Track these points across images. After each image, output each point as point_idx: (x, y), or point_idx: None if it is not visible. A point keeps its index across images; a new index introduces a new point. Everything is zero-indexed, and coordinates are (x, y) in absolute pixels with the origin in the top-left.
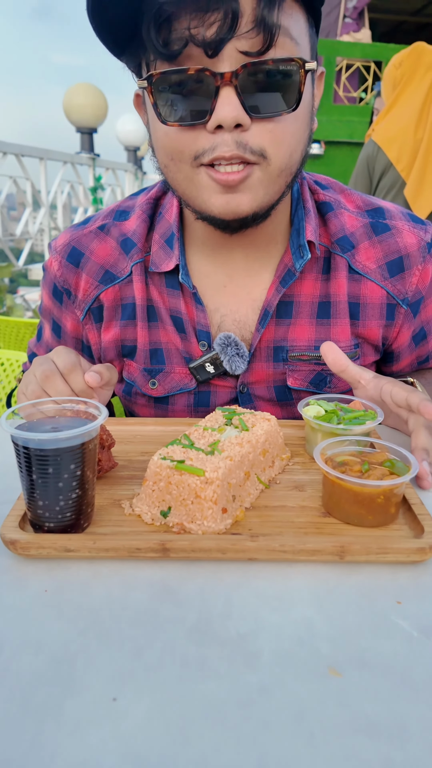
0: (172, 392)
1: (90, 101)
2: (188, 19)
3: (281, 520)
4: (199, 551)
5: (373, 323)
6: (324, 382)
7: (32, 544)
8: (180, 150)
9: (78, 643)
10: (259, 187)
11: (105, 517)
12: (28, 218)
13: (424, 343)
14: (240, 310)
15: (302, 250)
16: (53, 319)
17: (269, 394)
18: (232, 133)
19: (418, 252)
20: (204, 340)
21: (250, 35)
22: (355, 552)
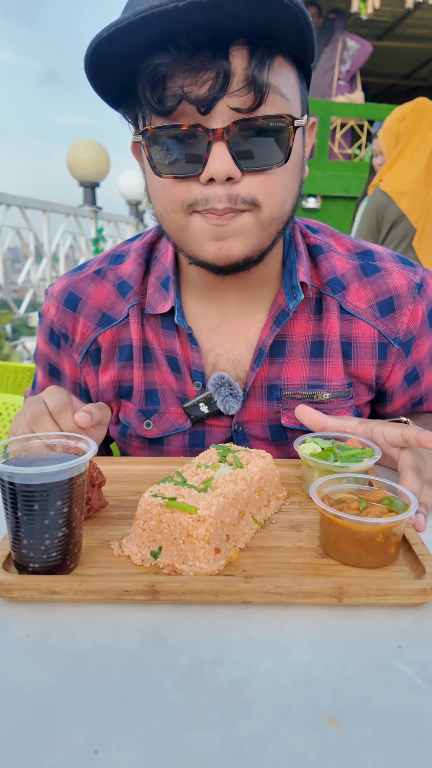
0: (167, 433)
1: (93, 157)
2: (182, 77)
3: (277, 561)
4: (190, 593)
5: (366, 362)
6: None
7: (15, 585)
8: (173, 200)
9: (60, 691)
10: (251, 233)
11: (93, 559)
12: (30, 268)
13: (417, 384)
14: (235, 349)
15: (295, 291)
16: (49, 364)
17: (264, 433)
18: (223, 185)
19: (407, 292)
20: (198, 380)
21: (241, 93)
22: (354, 594)
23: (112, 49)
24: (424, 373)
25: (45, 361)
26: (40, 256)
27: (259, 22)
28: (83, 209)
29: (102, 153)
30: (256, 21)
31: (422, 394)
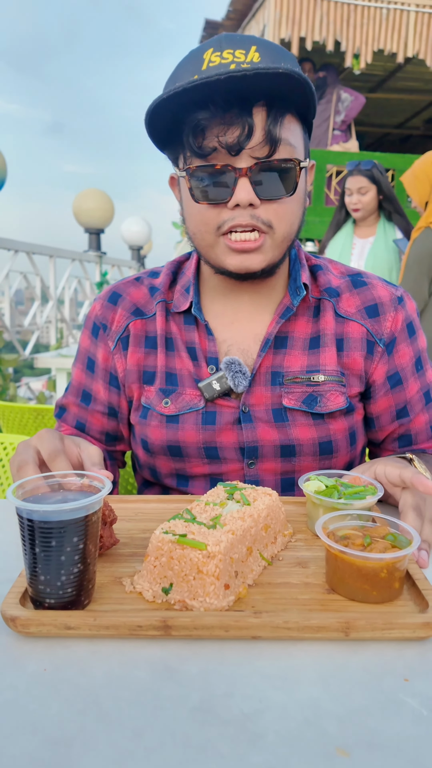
0: (183, 411)
1: (98, 205)
2: (217, 129)
3: (285, 597)
4: (201, 628)
5: (356, 354)
6: (315, 401)
7: (32, 620)
8: (206, 222)
9: (76, 724)
10: (269, 250)
11: (106, 595)
12: (36, 311)
13: (400, 391)
14: (245, 341)
15: (298, 290)
16: (88, 357)
17: (267, 416)
18: (246, 209)
19: (390, 302)
20: (212, 365)
21: (261, 145)
22: (360, 628)
23: (164, 107)
24: (407, 381)
25: (84, 354)
26: (45, 299)
27: (276, 90)
28: (88, 254)
29: (107, 201)
30: (273, 89)
31: (406, 403)
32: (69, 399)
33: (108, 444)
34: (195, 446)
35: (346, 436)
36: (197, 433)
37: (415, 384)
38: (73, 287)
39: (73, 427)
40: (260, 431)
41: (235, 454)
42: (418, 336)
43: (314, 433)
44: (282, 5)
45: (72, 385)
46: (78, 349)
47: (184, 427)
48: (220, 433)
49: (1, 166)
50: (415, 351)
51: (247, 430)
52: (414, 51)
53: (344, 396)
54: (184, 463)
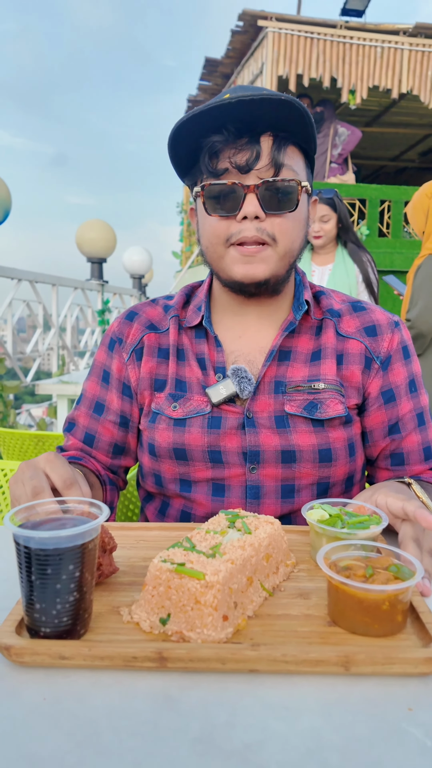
0: (190, 415)
1: (101, 235)
2: (230, 152)
3: (284, 630)
4: (197, 661)
5: (354, 367)
6: (315, 408)
7: (26, 650)
8: (217, 234)
9: (75, 756)
10: (271, 261)
11: (102, 624)
12: (38, 338)
13: (392, 407)
14: (251, 353)
15: (301, 306)
16: (103, 370)
17: (270, 422)
18: (252, 222)
19: (387, 325)
20: (220, 373)
21: (267, 168)
22: (359, 663)
23: (185, 130)
24: (400, 398)
25: (100, 368)
26: (47, 326)
27: (281, 120)
28: (90, 283)
29: (109, 232)
30: (278, 119)
31: (398, 420)
32: (80, 411)
33: (114, 457)
34: (200, 449)
35: (345, 446)
36: (203, 436)
37: (408, 403)
38: (75, 315)
39: (81, 441)
40: (262, 436)
41: (238, 459)
42: (412, 360)
43: (314, 440)
44: (279, 44)
45: (84, 397)
46: (93, 365)
47: (190, 430)
48: (224, 437)
49: (5, 197)
50: (410, 373)
51: (250, 435)
52: (408, 87)
53: (343, 405)
54: (188, 467)
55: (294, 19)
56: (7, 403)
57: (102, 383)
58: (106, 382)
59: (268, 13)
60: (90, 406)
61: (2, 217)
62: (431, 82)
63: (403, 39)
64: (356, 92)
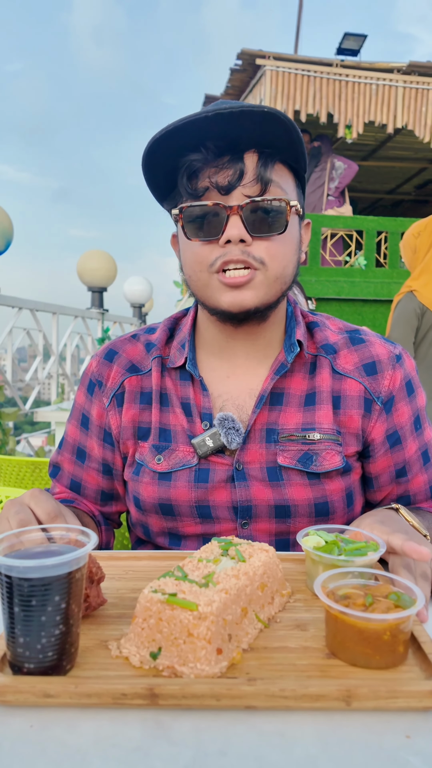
0: (175, 468)
1: (101, 265)
2: (210, 172)
3: (282, 663)
4: (190, 697)
5: (353, 412)
6: (310, 460)
7: (9, 688)
8: (199, 261)
9: None
10: (261, 287)
11: (90, 660)
12: (38, 366)
13: (399, 450)
14: (240, 396)
15: (293, 347)
16: (82, 414)
17: (261, 474)
18: (237, 245)
19: (388, 360)
20: (206, 421)
21: (252, 185)
22: (362, 697)
23: (160, 149)
24: (406, 440)
25: (79, 411)
26: (47, 354)
27: (266, 136)
28: (91, 311)
29: (110, 261)
30: (263, 135)
31: (405, 464)
32: (64, 456)
33: (103, 504)
34: (187, 504)
35: (342, 497)
36: (189, 491)
37: (414, 443)
38: (75, 343)
39: (68, 487)
40: (254, 490)
41: (228, 514)
42: (417, 394)
43: (309, 494)
44: (277, 81)
45: (66, 442)
46: (73, 406)
47: (176, 485)
48: (213, 491)
49: (8, 228)
50: (414, 409)
51: (241, 488)
52: (403, 122)
53: (340, 455)
54: (176, 522)
55: (291, 58)
56: (6, 431)
57: (82, 428)
58: (86, 428)
59: (266, 53)
60: (72, 452)
61: (4, 246)
62: (425, 117)
63: (398, 77)
64: (352, 127)
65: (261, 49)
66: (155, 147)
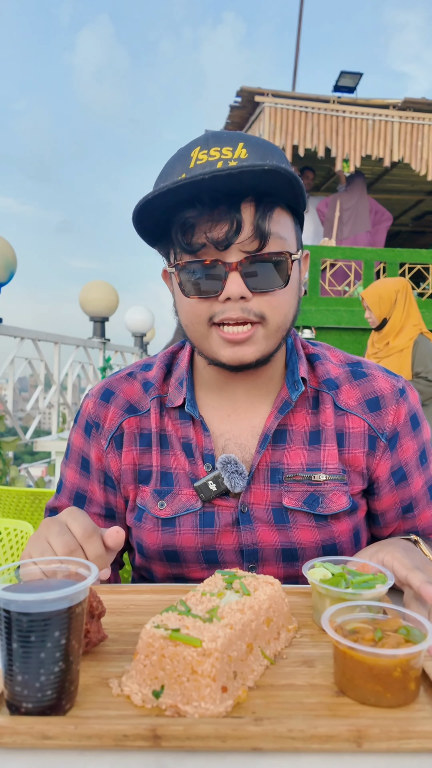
0: (179, 513)
1: (103, 295)
2: (205, 226)
3: (289, 701)
4: (194, 738)
5: (357, 450)
6: (317, 502)
7: (6, 729)
8: (197, 315)
9: None
10: (262, 341)
11: (90, 698)
12: (38, 395)
13: (404, 486)
14: (242, 435)
15: (296, 384)
16: (81, 457)
17: (267, 516)
18: (237, 302)
19: (391, 395)
20: (209, 462)
21: (250, 240)
22: (373, 737)
23: (152, 205)
24: (412, 476)
25: (77, 454)
26: (48, 384)
27: (263, 186)
28: (93, 341)
29: (112, 292)
30: (261, 185)
31: (411, 500)
32: (62, 502)
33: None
34: (193, 550)
35: (350, 537)
36: (195, 536)
37: (420, 478)
38: (77, 372)
39: None
40: (260, 533)
41: (236, 557)
42: (422, 428)
43: (317, 536)
44: (276, 118)
45: (65, 487)
46: (70, 448)
47: (181, 531)
48: (219, 536)
49: (11, 259)
50: (419, 444)
51: (246, 531)
52: (399, 156)
53: (347, 495)
54: (182, 568)
55: (289, 95)
56: (6, 461)
57: (82, 471)
58: (87, 471)
59: (265, 90)
60: (70, 497)
61: (8, 277)
62: (421, 151)
63: (393, 112)
64: (350, 161)
65: (260, 87)
66: (147, 205)
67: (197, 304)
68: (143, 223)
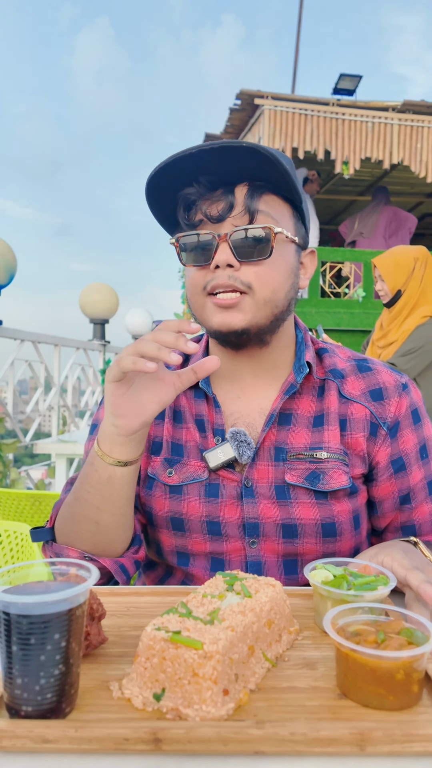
0: (186, 482)
1: (103, 298)
2: (204, 204)
3: (291, 704)
4: (196, 742)
5: (359, 435)
6: (317, 479)
7: (6, 732)
8: (195, 284)
9: None
10: (248, 310)
11: (90, 701)
12: (39, 398)
13: (403, 476)
14: (250, 415)
15: (302, 369)
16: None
17: (270, 492)
18: (226, 270)
19: (394, 388)
20: (219, 436)
21: (241, 215)
22: (376, 741)
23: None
24: (411, 467)
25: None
26: (48, 386)
27: (255, 171)
28: (93, 343)
29: (112, 294)
30: (254, 170)
31: (409, 491)
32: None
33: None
34: (197, 519)
35: (350, 519)
36: (200, 505)
37: (419, 472)
38: (77, 375)
39: None
40: (261, 508)
41: (237, 531)
42: (423, 424)
43: (317, 513)
44: (276, 120)
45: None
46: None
47: (187, 498)
48: (222, 507)
49: (11, 261)
50: (420, 438)
51: (249, 505)
52: (399, 158)
53: (347, 475)
54: (186, 538)
55: (289, 97)
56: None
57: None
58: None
59: (265, 93)
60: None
61: (8, 279)
62: (421, 153)
63: (392, 115)
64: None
65: (259, 89)
66: (154, 183)
67: (195, 274)
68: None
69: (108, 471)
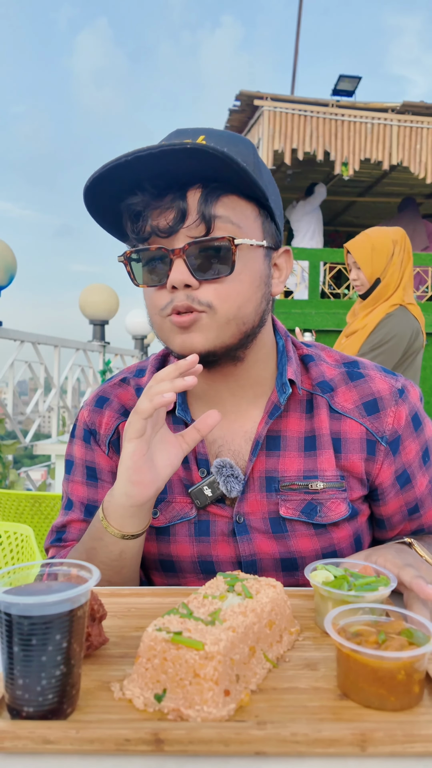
0: (173, 521)
1: (103, 298)
2: (151, 214)
3: (292, 705)
4: (197, 743)
5: (355, 456)
6: (315, 511)
7: (7, 733)
8: (153, 305)
9: None
10: (209, 330)
11: (91, 702)
12: (38, 398)
13: (410, 489)
14: (234, 441)
15: (285, 387)
16: (86, 466)
17: (264, 525)
18: (184, 291)
19: (390, 396)
20: (203, 468)
21: (196, 224)
22: (377, 741)
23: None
24: (416, 477)
25: (82, 466)
26: (48, 387)
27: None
28: (92, 344)
29: (112, 295)
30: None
31: (417, 501)
32: (72, 516)
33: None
34: (189, 560)
35: (351, 543)
36: (191, 545)
37: (424, 478)
38: (76, 376)
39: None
40: (258, 543)
41: (233, 569)
42: (424, 426)
43: (317, 544)
44: (275, 122)
45: (74, 503)
46: (72, 463)
47: (176, 540)
48: (215, 545)
49: (11, 262)
50: (422, 443)
51: (243, 542)
52: (398, 159)
53: (346, 503)
54: (179, 579)
55: (288, 98)
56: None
57: (89, 482)
58: (95, 480)
59: (264, 94)
60: (82, 510)
61: (8, 280)
62: (420, 154)
63: (392, 116)
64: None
65: (258, 90)
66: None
67: (152, 294)
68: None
69: (119, 546)
